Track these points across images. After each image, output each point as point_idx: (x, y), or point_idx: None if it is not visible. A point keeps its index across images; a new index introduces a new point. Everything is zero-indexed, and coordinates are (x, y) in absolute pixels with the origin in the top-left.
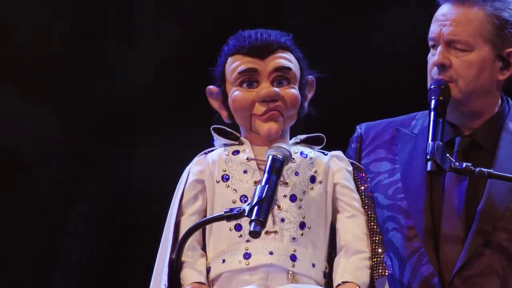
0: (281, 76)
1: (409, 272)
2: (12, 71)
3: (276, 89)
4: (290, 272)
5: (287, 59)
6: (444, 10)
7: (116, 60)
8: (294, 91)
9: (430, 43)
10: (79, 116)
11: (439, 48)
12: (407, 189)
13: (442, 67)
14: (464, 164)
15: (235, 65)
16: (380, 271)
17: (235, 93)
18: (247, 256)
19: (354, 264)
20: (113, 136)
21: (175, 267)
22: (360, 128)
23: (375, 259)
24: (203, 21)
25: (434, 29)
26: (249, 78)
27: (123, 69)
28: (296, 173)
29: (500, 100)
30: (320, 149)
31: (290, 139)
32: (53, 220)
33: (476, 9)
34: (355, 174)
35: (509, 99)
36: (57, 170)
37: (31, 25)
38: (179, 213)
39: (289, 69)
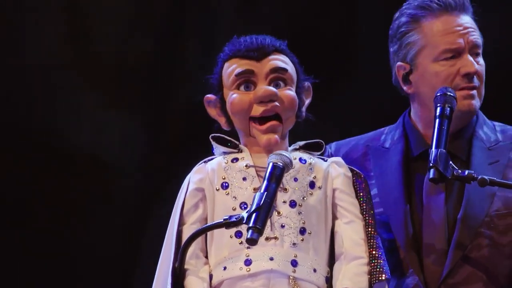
0: (278, 77)
1: (393, 285)
2: (97, 79)
3: (274, 89)
4: (291, 277)
5: (283, 61)
6: (453, 20)
7: (198, 66)
8: (292, 92)
9: (448, 55)
10: (161, 123)
11: (466, 57)
12: (385, 203)
13: (474, 74)
14: (466, 172)
15: (231, 68)
16: (378, 275)
17: (233, 96)
18: (248, 262)
19: (352, 270)
20: (193, 142)
21: (178, 275)
22: (330, 148)
23: (372, 263)
24: (283, 26)
25: (453, 39)
26: (246, 80)
27: (205, 76)
28: (295, 179)
29: None
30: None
31: (290, 145)
32: (134, 225)
33: (469, 17)
34: (354, 180)
35: None
36: (138, 175)
37: (114, 33)
38: (181, 222)
39: (285, 70)
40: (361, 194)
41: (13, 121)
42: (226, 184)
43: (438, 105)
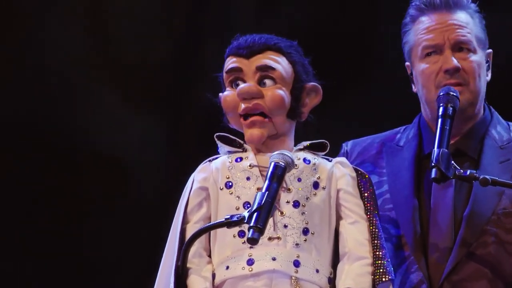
0: (266, 75)
1: (399, 281)
2: (117, 81)
3: (253, 86)
4: (293, 277)
5: (274, 60)
6: (435, 18)
7: (218, 67)
8: (279, 91)
9: (428, 51)
10: (181, 124)
11: (446, 54)
12: (395, 200)
13: (455, 71)
14: (468, 172)
15: (225, 66)
16: (381, 276)
17: (225, 93)
18: (250, 262)
19: (356, 270)
20: (212, 143)
21: (181, 274)
22: (346, 145)
23: (376, 264)
24: (302, 27)
25: (433, 37)
26: (236, 78)
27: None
28: (299, 179)
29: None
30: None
31: (295, 145)
32: (153, 227)
33: (463, 13)
34: (359, 181)
35: (490, 107)
36: (156, 176)
37: (134, 34)
38: (184, 221)
39: (272, 68)
40: (366, 194)
41: (31, 121)
42: (230, 184)
43: (441, 104)
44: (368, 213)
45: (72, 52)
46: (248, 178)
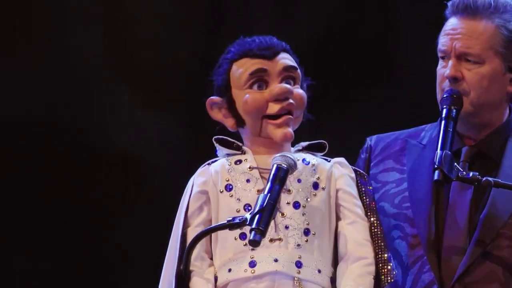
0: (289, 76)
1: (411, 280)
2: (137, 80)
3: (289, 86)
4: (296, 278)
5: (291, 60)
6: (453, 23)
7: None
8: (302, 91)
9: (440, 54)
10: (201, 124)
11: (451, 61)
12: (413, 198)
13: (454, 80)
14: (471, 174)
15: (243, 68)
16: (388, 278)
17: (247, 95)
18: (252, 264)
19: (356, 271)
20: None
21: (183, 277)
22: (371, 140)
23: (381, 265)
24: (320, 27)
25: (444, 42)
26: (259, 79)
27: None
28: (299, 180)
29: (507, 111)
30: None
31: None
32: (158, 228)
33: (485, 22)
34: (358, 181)
35: None
36: (175, 176)
37: (153, 35)
38: (185, 225)
39: (295, 68)
40: (365, 195)
41: (51, 121)
42: (230, 186)
43: (444, 106)
44: (369, 213)
45: (87, 52)
46: (248, 180)
